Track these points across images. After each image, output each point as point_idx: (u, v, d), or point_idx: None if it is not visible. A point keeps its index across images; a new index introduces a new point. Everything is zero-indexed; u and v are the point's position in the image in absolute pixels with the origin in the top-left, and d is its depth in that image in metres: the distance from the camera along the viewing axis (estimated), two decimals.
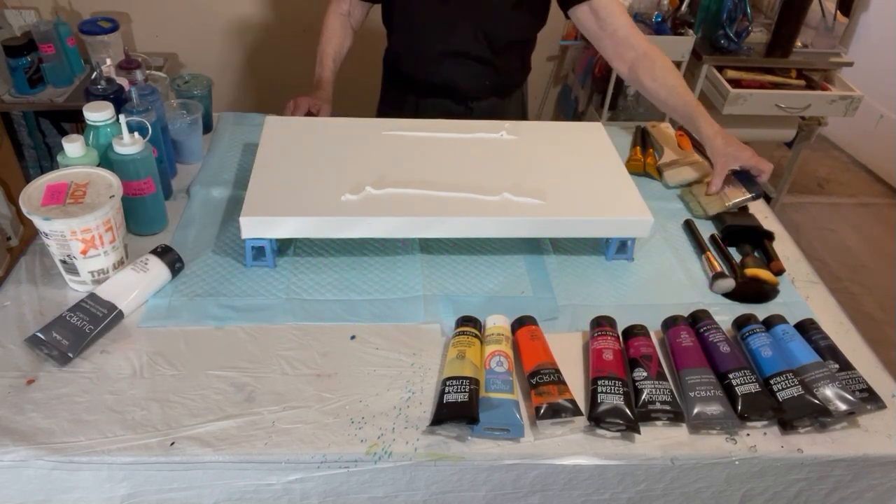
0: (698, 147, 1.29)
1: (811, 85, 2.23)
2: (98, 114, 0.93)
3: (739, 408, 0.77)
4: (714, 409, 0.77)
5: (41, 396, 0.75)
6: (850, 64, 2.26)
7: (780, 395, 0.78)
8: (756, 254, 1.05)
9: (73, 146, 0.89)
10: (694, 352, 0.84)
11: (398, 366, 0.83)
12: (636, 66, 1.19)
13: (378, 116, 1.44)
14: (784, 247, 1.09)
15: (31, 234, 0.96)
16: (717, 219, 1.12)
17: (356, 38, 1.39)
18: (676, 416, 0.77)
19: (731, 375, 0.80)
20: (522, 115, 1.50)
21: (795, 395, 0.78)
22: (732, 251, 1.06)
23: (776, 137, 2.42)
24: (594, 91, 2.45)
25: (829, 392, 0.79)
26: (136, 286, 0.87)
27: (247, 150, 1.22)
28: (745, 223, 1.10)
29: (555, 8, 1.27)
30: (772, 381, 0.80)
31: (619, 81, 2.27)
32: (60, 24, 2.01)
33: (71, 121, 2.24)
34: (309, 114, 1.25)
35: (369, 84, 1.56)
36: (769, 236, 1.09)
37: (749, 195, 1.11)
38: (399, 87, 1.42)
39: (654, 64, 1.18)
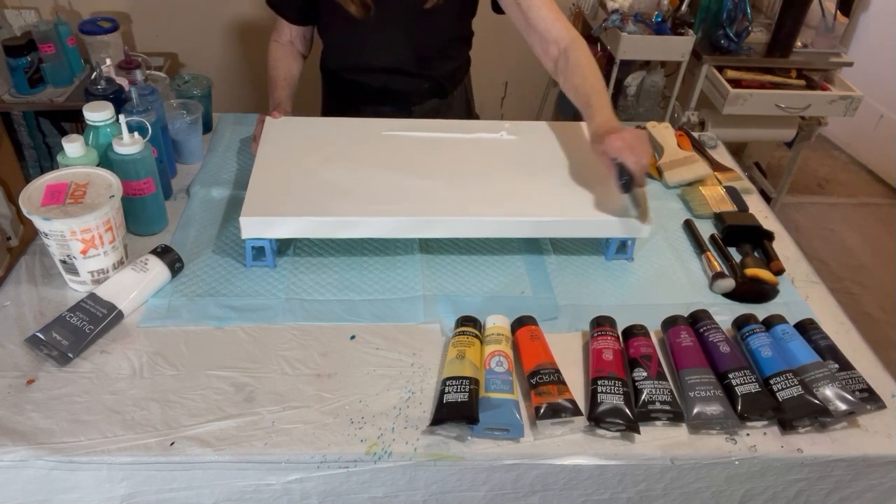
0: (698, 147, 1.29)
1: (811, 85, 2.23)
2: (98, 114, 0.93)
3: (739, 408, 0.77)
4: (714, 409, 0.77)
5: (41, 396, 0.75)
6: (850, 64, 2.25)
7: (780, 395, 0.78)
8: (756, 254, 1.05)
9: (72, 146, 0.89)
10: (694, 352, 0.84)
11: (398, 366, 0.83)
12: (557, 65, 1.12)
13: None
14: (784, 247, 1.09)
15: (31, 234, 0.96)
16: (717, 218, 1.12)
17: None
18: (676, 416, 0.77)
19: (730, 375, 0.80)
20: (467, 111, 1.44)
21: (795, 395, 0.78)
22: (732, 251, 1.06)
23: (776, 137, 2.42)
24: None
25: (829, 392, 0.79)
26: (135, 286, 0.87)
27: (247, 150, 1.22)
28: (745, 223, 1.10)
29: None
30: (772, 381, 0.80)
31: (619, 81, 2.27)
32: (60, 23, 2.01)
33: (71, 121, 2.24)
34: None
35: (307, 95, 1.47)
36: (769, 236, 1.09)
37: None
38: (337, 95, 1.39)
39: (567, 62, 1.09)
